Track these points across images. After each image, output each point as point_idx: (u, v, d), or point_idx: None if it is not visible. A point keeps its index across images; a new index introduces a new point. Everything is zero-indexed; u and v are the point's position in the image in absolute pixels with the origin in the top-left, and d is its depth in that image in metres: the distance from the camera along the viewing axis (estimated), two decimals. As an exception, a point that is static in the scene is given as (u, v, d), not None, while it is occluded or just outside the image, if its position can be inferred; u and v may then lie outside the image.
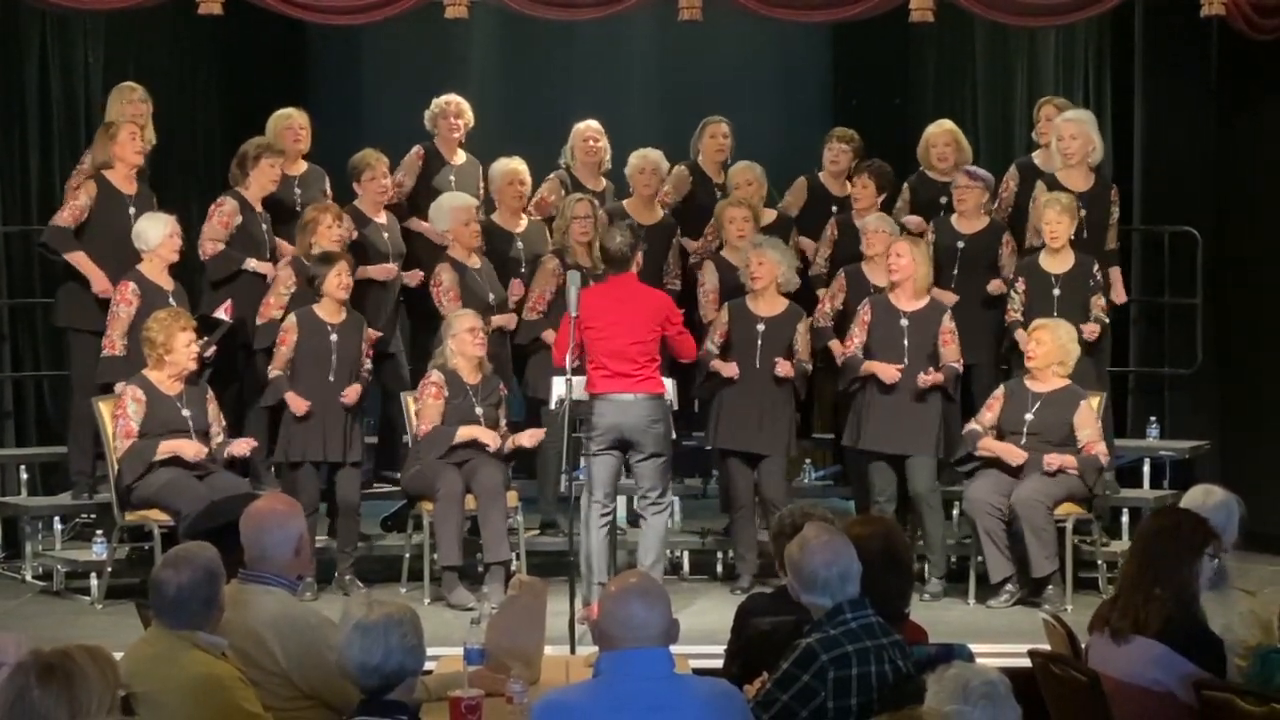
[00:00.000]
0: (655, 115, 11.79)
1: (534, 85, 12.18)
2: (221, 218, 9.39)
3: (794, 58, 12.54)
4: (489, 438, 8.90)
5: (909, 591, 5.50)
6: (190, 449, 8.54)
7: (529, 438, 9.05)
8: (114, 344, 9.01)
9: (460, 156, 10.18)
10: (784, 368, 8.98)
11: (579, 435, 8.42)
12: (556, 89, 12.07)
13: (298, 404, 8.93)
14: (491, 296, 9.45)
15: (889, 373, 8.95)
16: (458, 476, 8.80)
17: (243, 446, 8.75)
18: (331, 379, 8.99)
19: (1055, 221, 9.20)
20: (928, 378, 8.91)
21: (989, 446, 8.87)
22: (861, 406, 9.08)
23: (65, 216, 9.26)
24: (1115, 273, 9.74)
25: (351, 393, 9.01)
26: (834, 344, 9.28)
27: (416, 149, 10.11)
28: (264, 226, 9.51)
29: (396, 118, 10.68)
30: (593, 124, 10.21)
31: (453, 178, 10.08)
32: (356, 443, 9.09)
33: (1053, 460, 8.68)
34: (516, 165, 9.87)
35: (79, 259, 9.22)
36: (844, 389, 9.23)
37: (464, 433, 8.90)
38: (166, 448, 8.53)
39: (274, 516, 5.11)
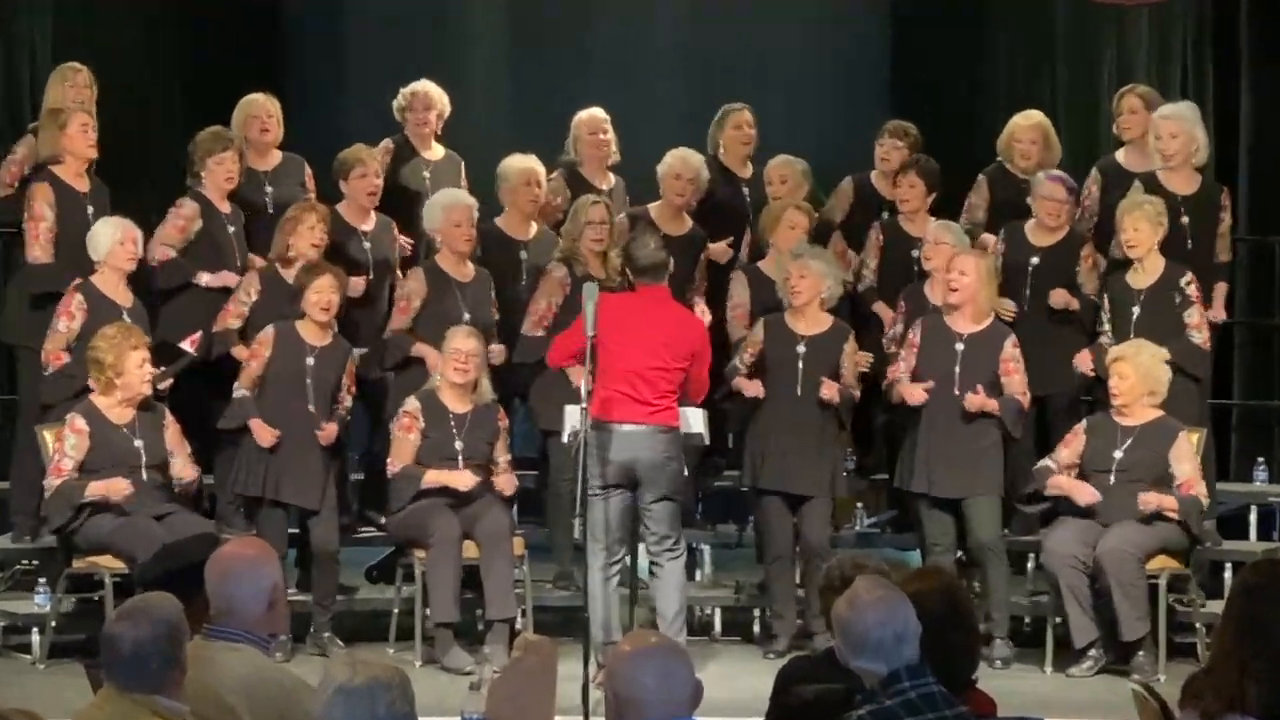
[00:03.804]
0: (680, 102, 11.83)
1: (543, 66, 12.24)
2: (177, 221, 9.48)
3: (845, 38, 12.56)
4: (461, 481, 8.87)
5: (976, 656, 5.49)
6: (119, 488, 8.56)
7: (505, 483, 9.00)
8: (52, 357, 9.02)
9: (436, 151, 10.24)
10: (829, 388, 8.99)
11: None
12: (568, 71, 12.11)
13: (263, 433, 8.92)
14: (467, 317, 9.36)
15: (914, 394, 8.97)
16: (455, 520, 8.82)
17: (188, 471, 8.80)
18: (311, 409, 9.00)
19: (1132, 229, 9.20)
20: (976, 398, 8.90)
21: (1059, 484, 8.88)
22: (913, 442, 9.09)
23: (38, 250, 9.32)
24: (1220, 289, 9.68)
25: (328, 432, 9.01)
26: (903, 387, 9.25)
27: (385, 143, 10.17)
28: (230, 230, 9.57)
29: (386, 105, 10.71)
30: (598, 113, 10.25)
31: (427, 175, 10.14)
32: (330, 488, 9.06)
33: (1149, 499, 8.68)
34: (533, 164, 9.89)
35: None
36: (885, 419, 9.19)
37: (432, 477, 8.89)
38: (95, 489, 8.56)
39: (243, 563, 5.10)
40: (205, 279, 9.46)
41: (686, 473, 8.63)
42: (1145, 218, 9.20)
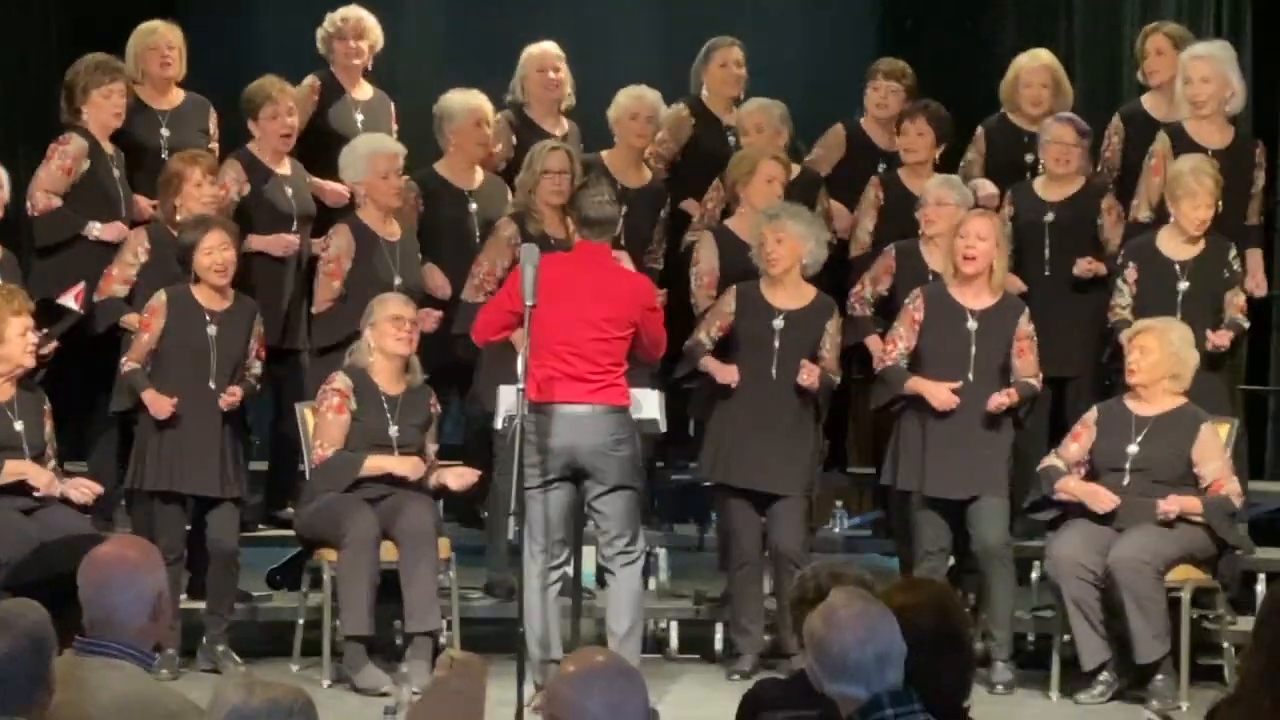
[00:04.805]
0: (647, 41, 11.83)
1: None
2: (63, 161, 9.43)
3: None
4: (407, 468, 8.90)
5: (969, 680, 5.51)
6: (42, 477, 8.57)
7: (455, 477, 9.03)
8: None
9: (365, 90, 10.27)
10: (809, 373, 9.01)
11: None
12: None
13: (159, 404, 8.87)
14: (399, 281, 9.39)
15: (941, 397, 8.96)
16: (372, 518, 8.81)
17: (83, 490, 8.71)
18: (212, 385, 8.99)
19: (1205, 206, 9.19)
20: (1001, 398, 8.93)
21: (1069, 489, 8.89)
22: (908, 435, 9.11)
23: None
24: (1254, 257, 9.74)
25: (231, 394, 8.99)
26: (873, 341, 9.30)
27: (310, 80, 10.16)
28: (117, 175, 9.54)
29: (302, 33, 10.70)
30: (550, 48, 10.28)
31: (359, 116, 10.15)
32: (236, 474, 9.07)
33: (1170, 505, 8.69)
34: (481, 101, 9.93)
35: None
36: (879, 407, 9.22)
37: (373, 464, 8.90)
38: (11, 470, 8.55)
39: (123, 567, 5.09)
40: (96, 230, 9.41)
41: (661, 464, 8.64)
42: (1217, 188, 9.19)
